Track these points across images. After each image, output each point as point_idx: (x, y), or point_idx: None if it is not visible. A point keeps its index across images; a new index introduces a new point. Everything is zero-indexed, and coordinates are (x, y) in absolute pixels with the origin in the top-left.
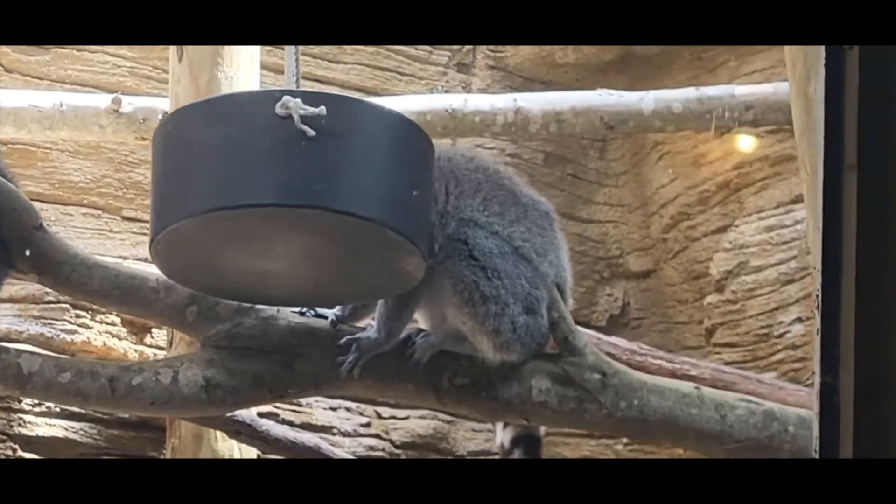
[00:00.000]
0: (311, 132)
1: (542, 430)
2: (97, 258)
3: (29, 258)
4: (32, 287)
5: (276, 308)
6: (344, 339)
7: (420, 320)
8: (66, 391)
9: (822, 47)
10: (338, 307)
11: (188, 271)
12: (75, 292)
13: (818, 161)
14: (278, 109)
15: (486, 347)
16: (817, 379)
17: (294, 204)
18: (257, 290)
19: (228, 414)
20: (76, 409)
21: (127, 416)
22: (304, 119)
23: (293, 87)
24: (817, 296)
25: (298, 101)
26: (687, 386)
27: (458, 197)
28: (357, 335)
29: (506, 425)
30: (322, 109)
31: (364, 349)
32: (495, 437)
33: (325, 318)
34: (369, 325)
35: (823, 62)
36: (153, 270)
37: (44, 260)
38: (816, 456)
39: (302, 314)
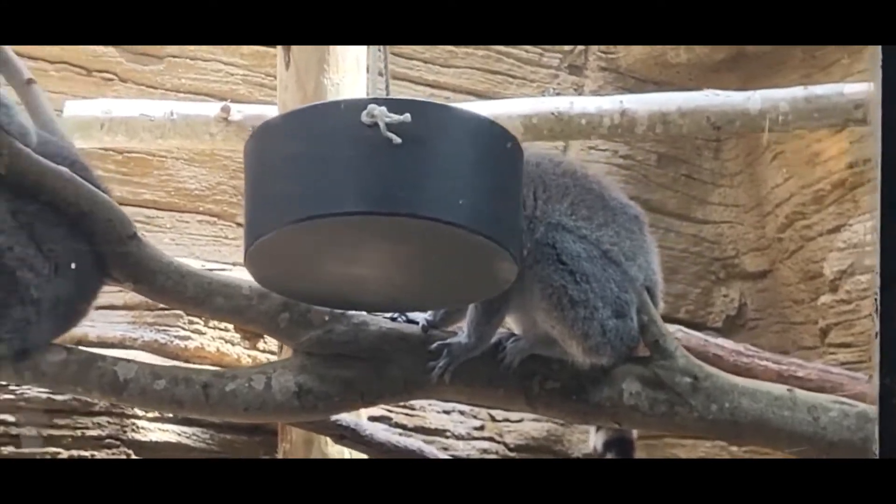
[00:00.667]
0: (397, 139)
1: (635, 432)
2: (190, 266)
3: (124, 267)
4: None
5: (367, 314)
6: (435, 345)
7: (511, 324)
8: (161, 398)
9: (879, 47)
10: (429, 312)
11: (281, 280)
12: (170, 300)
13: (876, 160)
14: (364, 118)
15: (575, 351)
16: (876, 381)
17: (382, 212)
18: (349, 296)
19: (333, 418)
20: None
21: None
22: (390, 126)
23: (381, 92)
24: (876, 298)
25: (383, 108)
26: (779, 388)
27: (545, 202)
28: (448, 340)
29: (598, 429)
30: (407, 117)
31: (455, 354)
32: (588, 440)
33: (417, 323)
34: (460, 329)
35: (880, 62)
36: (247, 277)
37: (139, 269)
38: (877, 456)
39: (393, 320)
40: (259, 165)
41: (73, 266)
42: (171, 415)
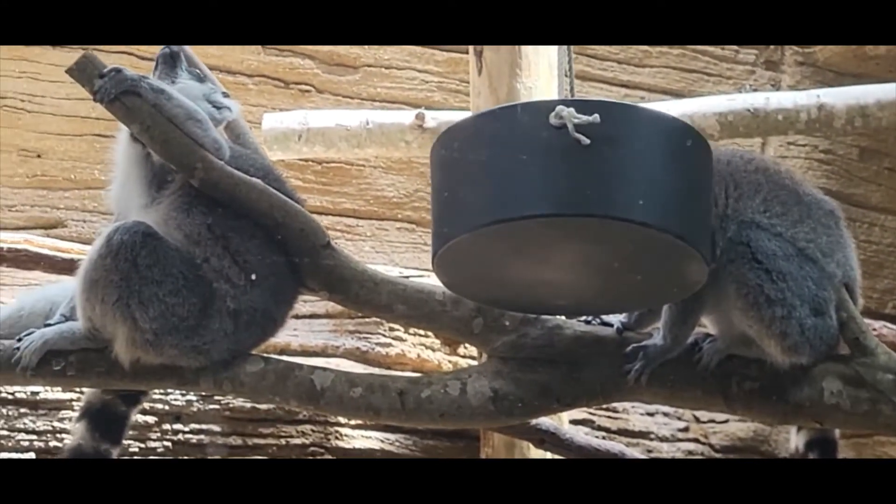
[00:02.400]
0: (586, 140)
1: (837, 432)
2: (384, 274)
3: (318, 276)
4: None
5: (561, 317)
6: (630, 347)
7: (707, 325)
8: (358, 406)
9: None
10: (623, 315)
11: (470, 284)
12: (364, 308)
13: None
14: (552, 119)
15: (774, 351)
16: None
17: (572, 213)
18: (538, 299)
19: (532, 423)
20: None
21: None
22: (578, 128)
23: (566, 94)
24: None
25: (572, 110)
26: None
27: (737, 199)
28: (643, 342)
29: (799, 429)
30: (595, 117)
31: (651, 356)
32: (789, 441)
33: (611, 325)
34: (655, 331)
35: None
36: (440, 284)
37: (333, 277)
38: None
39: (588, 322)
40: (446, 170)
41: (269, 276)
42: (369, 422)
